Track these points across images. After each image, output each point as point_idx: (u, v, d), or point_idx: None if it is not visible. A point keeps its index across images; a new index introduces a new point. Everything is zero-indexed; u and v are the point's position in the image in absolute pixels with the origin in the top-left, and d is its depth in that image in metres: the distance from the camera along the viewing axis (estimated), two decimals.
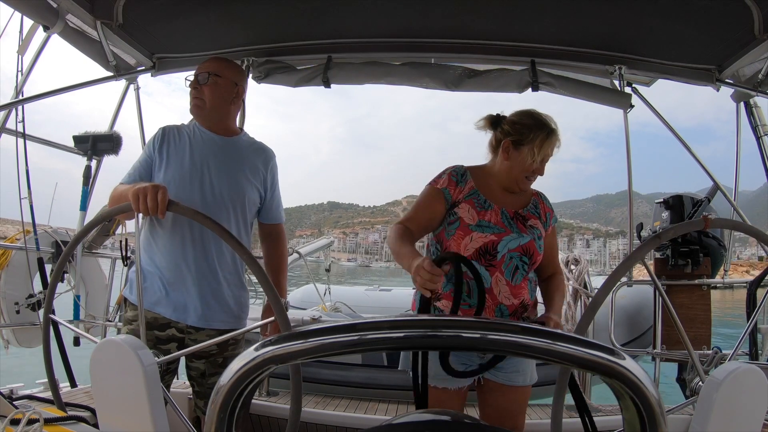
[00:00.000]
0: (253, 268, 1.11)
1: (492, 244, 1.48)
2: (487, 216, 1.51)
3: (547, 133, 1.52)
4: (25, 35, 2.14)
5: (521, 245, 1.50)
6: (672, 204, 2.70)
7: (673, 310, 1.07)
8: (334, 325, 0.50)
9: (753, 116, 2.53)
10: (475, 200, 1.54)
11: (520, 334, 0.49)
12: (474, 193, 1.55)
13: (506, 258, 1.48)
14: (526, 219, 1.55)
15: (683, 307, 2.45)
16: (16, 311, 2.60)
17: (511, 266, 1.48)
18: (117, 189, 1.51)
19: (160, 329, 1.52)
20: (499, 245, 1.48)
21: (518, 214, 1.55)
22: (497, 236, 1.49)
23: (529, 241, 1.51)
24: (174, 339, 1.53)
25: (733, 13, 1.80)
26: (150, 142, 1.61)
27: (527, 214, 1.57)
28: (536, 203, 1.62)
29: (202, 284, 1.54)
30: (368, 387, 3.03)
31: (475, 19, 2.13)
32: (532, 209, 1.59)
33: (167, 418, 0.98)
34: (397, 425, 0.61)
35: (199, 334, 1.54)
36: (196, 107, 1.62)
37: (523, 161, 1.51)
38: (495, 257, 1.48)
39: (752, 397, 0.87)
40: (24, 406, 1.37)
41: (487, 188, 1.57)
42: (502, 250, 1.48)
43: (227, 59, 1.71)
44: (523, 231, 1.52)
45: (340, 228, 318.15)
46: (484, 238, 1.48)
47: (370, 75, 2.39)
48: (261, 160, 1.69)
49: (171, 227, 1.52)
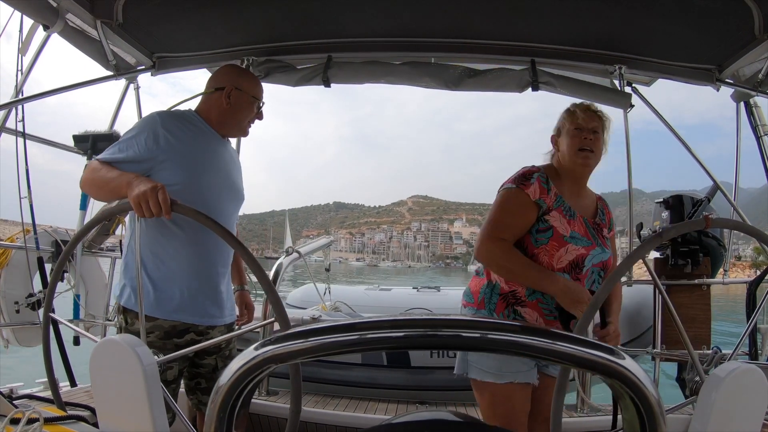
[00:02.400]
0: (254, 268, 1.11)
1: (581, 258, 1.45)
2: (575, 226, 1.48)
3: (576, 105, 1.56)
4: (25, 35, 2.14)
5: (603, 261, 1.48)
6: (672, 204, 2.70)
7: (674, 310, 1.07)
8: (333, 325, 0.50)
9: (753, 116, 2.53)
10: (562, 208, 1.48)
11: (520, 334, 0.49)
12: (560, 200, 1.49)
13: (590, 272, 1.46)
14: (601, 229, 1.54)
15: (683, 306, 2.45)
16: (16, 310, 2.60)
17: (591, 280, 1.46)
18: (100, 172, 1.37)
19: (179, 336, 1.49)
20: (586, 259, 1.45)
21: (595, 223, 1.53)
22: (586, 249, 1.46)
23: (609, 258, 1.50)
24: (193, 343, 1.48)
25: (733, 13, 1.80)
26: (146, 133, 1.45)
27: (601, 224, 1.55)
28: (602, 210, 1.60)
29: (217, 282, 1.56)
30: (368, 386, 3.03)
31: (475, 19, 2.13)
32: (601, 217, 1.57)
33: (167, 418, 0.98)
34: (397, 425, 0.61)
35: (214, 332, 1.57)
36: (246, 132, 1.71)
37: (567, 138, 1.53)
38: (581, 271, 1.45)
39: (752, 397, 0.87)
40: (24, 406, 1.37)
41: (567, 195, 1.52)
42: (588, 265, 1.45)
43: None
44: (605, 246, 1.51)
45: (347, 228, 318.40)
46: (576, 250, 1.44)
47: (370, 74, 2.39)
48: (239, 165, 1.77)
49: (189, 227, 1.46)
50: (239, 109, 1.61)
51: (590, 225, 1.51)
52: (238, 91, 1.59)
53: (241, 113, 1.62)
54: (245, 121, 1.65)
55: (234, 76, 1.63)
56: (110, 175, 1.35)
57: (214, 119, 1.61)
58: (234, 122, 1.63)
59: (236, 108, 1.60)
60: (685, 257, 2.50)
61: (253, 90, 1.64)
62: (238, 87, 1.59)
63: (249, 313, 1.88)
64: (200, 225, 1.34)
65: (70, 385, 2.62)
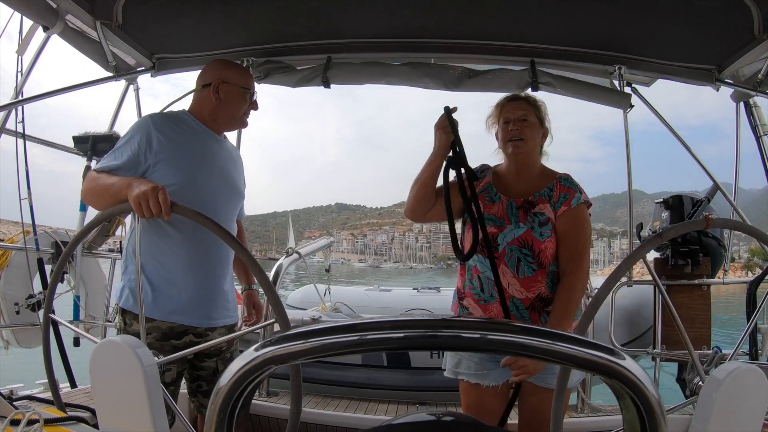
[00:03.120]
0: (254, 269, 1.11)
1: (492, 237, 1.48)
2: (493, 209, 1.53)
3: (504, 97, 1.61)
4: (25, 35, 2.14)
5: (517, 237, 1.47)
6: (672, 204, 2.70)
7: (674, 310, 1.07)
8: (334, 326, 0.50)
9: (753, 116, 2.53)
10: (486, 195, 1.57)
11: (520, 335, 0.49)
12: (488, 187, 1.58)
13: (507, 250, 1.47)
14: (533, 205, 1.50)
15: (683, 307, 2.45)
16: (16, 312, 2.60)
17: (513, 259, 1.47)
18: (99, 180, 1.38)
19: (177, 337, 1.48)
20: (499, 237, 1.49)
21: (528, 201, 1.51)
22: (498, 229, 1.50)
23: (526, 232, 1.47)
24: (192, 344, 1.48)
25: (732, 13, 1.80)
26: (139, 136, 1.45)
27: (537, 200, 1.51)
28: (552, 186, 1.53)
29: (216, 284, 1.55)
30: (368, 387, 3.03)
31: (475, 19, 2.13)
32: (545, 193, 1.52)
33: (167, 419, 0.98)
34: (398, 425, 0.61)
35: (214, 334, 1.55)
36: (244, 123, 1.67)
37: (499, 131, 1.59)
38: (497, 249, 1.48)
39: (752, 397, 0.87)
40: (24, 407, 1.36)
41: (503, 181, 1.59)
42: (502, 243, 1.48)
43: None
44: (522, 221, 1.48)
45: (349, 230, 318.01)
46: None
47: (370, 75, 2.39)
48: (240, 162, 1.75)
49: (186, 228, 1.46)
50: (230, 102, 1.59)
51: (516, 204, 1.51)
52: (225, 84, 1.57)
53: (233, 106, 1.60)
54: (239, 113, 1.62)
55: (220, 70, 1.60)
56: (109, 182, 1.36)
57: (206, 116, 1.60)
58: (227, 116, 1.61)
59: (226, 101, 1.58)
60: (685, 257, 2.50)
61: (241, 81, 1.60)
62: (224, 80, 1.57)
63: (257, 313, 1.82)
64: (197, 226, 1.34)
65: (70, 386, 2.62)
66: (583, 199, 1.51)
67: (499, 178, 1.60)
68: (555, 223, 1.48)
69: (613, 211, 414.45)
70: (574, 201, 1.49)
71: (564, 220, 1.48)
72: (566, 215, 1.48)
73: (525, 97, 1.62)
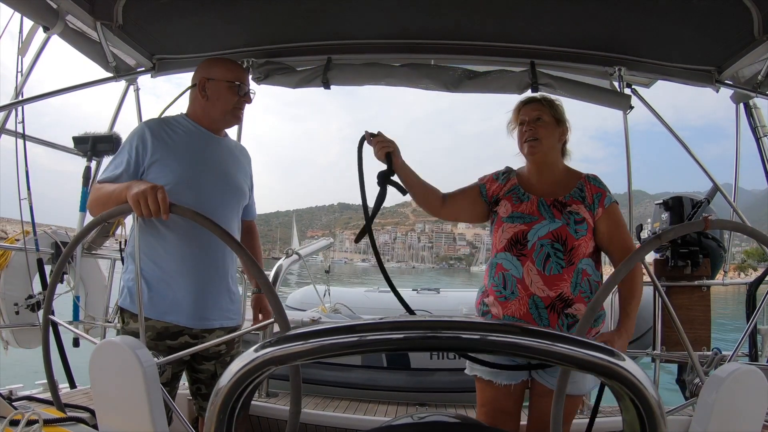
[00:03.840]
0: (254, 270, 1.11)
1: (522, 234, 1.49)
2: (522, 207, 1.55)
3: (523, 101, 1.64)
4: (25, 36, 2.14)
5: (551, 231, 1.47)
6: (671, 205, 2.70)
7: (673, 311, 1.07)
8: (333, 326, 0.50)
9: (753, 117, 2.53)
10: (514, 195, 1.59)
11: (520, 336, 0.49)
12: (514, 188, 1.61)
13: (536, 246, 1.47)
14: (566, 205, 1.52)
15: (683, 308, 2.45)
16: (16, 312, 2.60)
17: (542, 255, 1.46)
18: (102, 189, 1.43)
19: (172, 338, 1.48)
20: (529, 234, 1.49)
21: (558, 201, 1.53)
22: (527, 225, 1.50)
23: (561, 226, 1.47)
24: (187, 346, 1.47)
25: (732, 14, 1.80)
26: (137, 141, 1.49)
27: (569, 201, 1.53)
28: (582, 186, 1.56)
29: (212, 286, 1.53)
30: (368, 388, 3.03)
31: (475, 21, 2.13)
32: (576, 194, 1.54)
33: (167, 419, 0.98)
34: (397, 426, 0.61)
35: (211, 336, 1.54)
36: (238, 117, 1.64)
37: (517, 134, 1.63)
38: (525, 246, 1.48)
39: (752, 398, 0.87)
40: (23, 407, 1.36)
41: (528, 182, 1.62)
42: (532, 239, 1.48)
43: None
44: (556, 216, 1.50)
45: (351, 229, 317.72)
46: (513, 228, 1.51)
47: (370, 76, 2.39)
48: (246, 160, 1.74)
49: (180, 229, 1.47)
50: (217, 98, 1.58)
51: (547, 204, 1.53)
52: (210, 81, 1.57)
53: (220, 102, 1.58)
54: (228, 108, 1.60)
55: (205, 68, 1.61)
56: (111, 188, 1.39)
57: (200, 117, 1.61)
58: (217, 113, 1.60)
59: (213, 98, 1.58)
60: (685, 258, 2.50)
61: (226, 75, 1.58)
62: (209, 77, 1.58)
63: (265, 317, 1.77)
64: (192, 227, 1.35)
65: (69, 386, 2.62)
66: (614, 199, 1.56)
67: (524, 179, 1.63)
68: (595, 226, 1.52)
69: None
70: (607, 201, 1.54)
71: (604, 222, 1.53)
72: (605, 217, 1.53)
73: (541, 98, 1.65)
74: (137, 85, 2.80)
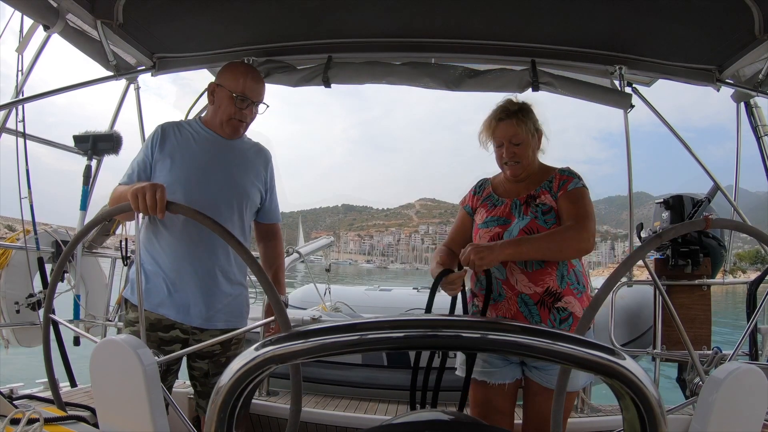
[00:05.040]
0: (254, 268, 1.11)
1: (498, 237, 1.53)
2: (495, 212, 1.58)
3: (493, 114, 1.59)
4: (25, 34, 2.14)
5: (522, 228, 1.50)
6: (672, 204, 2.70)
7: (674, 310, 1.07)
8: (334, 325, 0.50)
9: (753, 116, 2.53)
10: (488, 202, 1.63)
11: (520, 334, 0.49)
12: (489, 196, 1.65)
13: None
14: (535, 198, 1.54)
15: (683, 307, 2.45)
16: (17, 311, 2.60)
17: None
18: (117, 190, 1.50)
19: (164, 330, 1.51)
20: (504, 235, 1.52)
21: (530, 196, 1.55)
22: (502, 227, 1.54)
23: (530, 221, 1.50)
24: (178, 340, 1.53)
25: (733, 14, 1.80)
26: (150, 141, 1.58)
27: (539, 193, 1.54)
28: (552, 178, 1.57)
29: (205, 284, 1.54)
30: (368, 387, 3.03)
31: (476, 19, 2.13)
32: (545, 185, 1.56)
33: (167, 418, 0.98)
34: (397, 425, 0.61)
35: (204, 335, 1.54)
36: (235, 128, 1.62)
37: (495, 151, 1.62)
38: None
39: (752, 398, 0.87)
40: (24, 406, 1.37)
41: (503, 187, 1.65)
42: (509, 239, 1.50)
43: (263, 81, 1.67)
44: (525, 213, 1.52)
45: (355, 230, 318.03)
46: (489, 232, 1.55)
47: (371, 75, 2.39)
48: (261, 162, 1.72)
49: (174, 227, 1.51)
50: (219, 105, 1.59)
51: (520, 203, 1.56)
52: (219, 87, 1.59)
53: (220, 110, 1.59)
54: (225, 118, 1.58)
55: (219, 73, 1.63)
56: (123, 188, 1.46)
57: (209, 120, 1.64)
58: (217, 120, 1.60)
59: (217, 105, 1.60)
60: (686, 258, 2.49)
61: (229, 85, 1.57)
62: (218, 83, 1.60)
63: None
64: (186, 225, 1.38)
65: (70, 385, 2.62)
66: (581, 185, 1.54)
67: (498, 186, 1.68)
68: (557, 209, 1.51)
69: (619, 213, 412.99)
70: (571, 185, 1.53)
71: (563, 200, 1.51)
72: (564, 196, 1.52)
73: (515, 111, 1.57)
74: (138, 83, 2.80)
